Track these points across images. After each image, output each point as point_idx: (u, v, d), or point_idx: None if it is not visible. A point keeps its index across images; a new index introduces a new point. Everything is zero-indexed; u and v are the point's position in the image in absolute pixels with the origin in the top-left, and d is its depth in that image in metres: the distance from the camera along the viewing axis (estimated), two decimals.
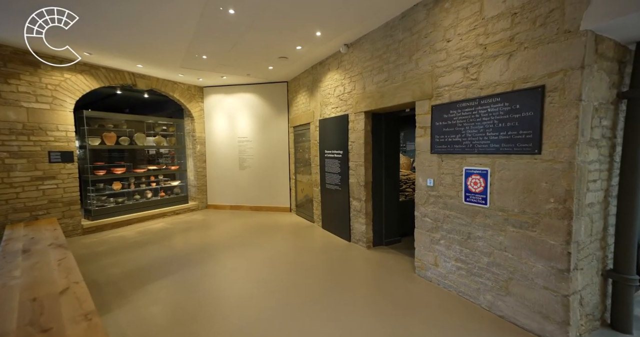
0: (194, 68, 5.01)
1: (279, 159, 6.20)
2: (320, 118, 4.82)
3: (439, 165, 2.74)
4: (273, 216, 5.97)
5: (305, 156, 5.58)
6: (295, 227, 5.11)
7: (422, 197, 2.94)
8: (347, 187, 4.19)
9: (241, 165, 6.37)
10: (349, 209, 4.21)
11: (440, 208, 2.74)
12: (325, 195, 4.79)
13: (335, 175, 4.47)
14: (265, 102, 6.15)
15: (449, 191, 2.64)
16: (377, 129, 3.92)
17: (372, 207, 3.96)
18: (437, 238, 2.81)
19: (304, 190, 5.69)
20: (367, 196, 3.90)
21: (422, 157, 2.93)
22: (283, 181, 6.23)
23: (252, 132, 6.27)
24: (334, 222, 4.63)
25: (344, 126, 4.18)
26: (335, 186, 4.50)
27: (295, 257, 3.71)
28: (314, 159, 5.13)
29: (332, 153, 4.50)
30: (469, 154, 2.43)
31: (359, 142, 3.91)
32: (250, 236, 4.65)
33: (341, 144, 4.27)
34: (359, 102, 3.82)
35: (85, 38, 3.67)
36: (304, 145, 5.57)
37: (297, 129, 5.82)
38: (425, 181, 2.89)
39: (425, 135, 2.87)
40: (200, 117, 6.37)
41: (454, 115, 2.54)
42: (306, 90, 5.28)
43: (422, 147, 2.92)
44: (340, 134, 4.28)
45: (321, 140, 4.79)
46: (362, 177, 3.87)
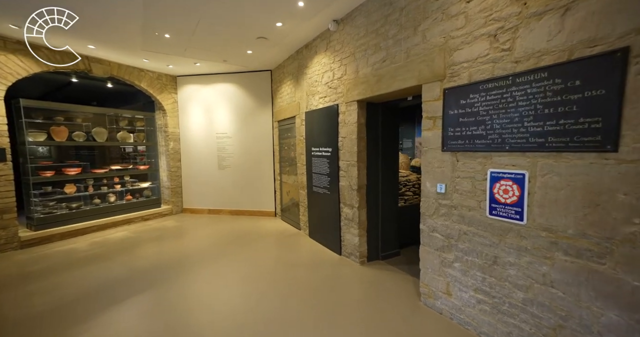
0: (159, 51, 4.29)
1: (262, 158, 5.53)
2: (306, 110, 4.16)
3: (452, 166, 2.12)
4: (256, 221, 5.30)
5: (290, 154, 4.91)
6: (279, 236, 4.46)
7: (430, 206, 2.32)
8: (337, 191, 3.55)
9: (220, 165, 5.67)
10: (339, 217, 3.58)
11: (455, 222, 2.12)
12: (313, 199, 4.15)
13: (324, 176, 3.82)
14: (246, 94, 5.45)
15: (467, 200, 2.02)
16: (372, 122, 3.29)
17: (367, 216, 3.33)
18: (449, 260, 2.19)
19: (290, 192, 5.04)
20: (361, 202, 3.27)
21: (430, 155, 2.30)
22: (267, 182, 5.56)
23: (232, 128, 5.57)
24: (322, 231, 3.99)
25: (333, 119, 3.53)
26: (323, 189, 3.86)
27: (276, 276, 3.06)
28: (300, 157, 4.47)
29: (320, 151, 3.85)
30: (497, 151, 1.81)
31: (350, 137, 3.27)
32: (228, 247, 3.98)
33: (330, 140, 3.62)
34: (351, 90, 3.18)
35: (14, 4, 2.93)
36: (290, 142, 4.91)
37: (282, 124, 5.15)
38: (435, 186, 2.27)
39: (435, 128, 2.24)
40: (174, 110, 5.64)
41: (475, 100, 1.92)
42: (291, 79, 4.60)
43: (431, 143, 2.29)
44: (329, 129, 3.64)
45: (308, 136, 4.13)
46: (355, 180, 3.24)
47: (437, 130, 2.22)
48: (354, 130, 3.20)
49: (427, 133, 2.32)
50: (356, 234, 3.29)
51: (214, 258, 3.60)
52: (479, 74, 1.90)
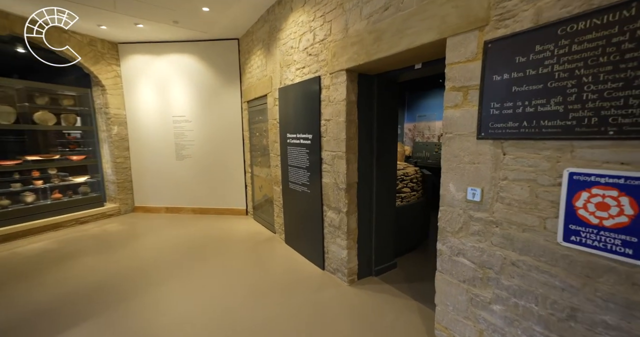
0: (78, 2, 3.18)
1: (230, 146, 4.61)
2: (280, 86, 3.28)
3: (495, 161, 1.39)
4: (223, 222, 4.45)
5: (263, 142, 4.04)
6: (250, 243, 3.66)
7: (455, 220, 1.60)
8: (320, 189, 2.78)
9: (179, 154, 4.69)
10: (322, 223, 2.82)
11: (496, 245, 1.42)
12: (289, 198, 3.35)
13: (302, 171, 3.02)
14: (209, 69, 4.44)
15: (521, 215, 1.31)
16: (365, 100, 2.49)
17: (358, 223, 2.59)
18: (485, 299, 1.50)
19: (263, 188, 4.21)
20: (350, 206, 2.51)
21: (456, 146, 1.55)
22: (236, 175, 4.68)
23: (192, 110, 4.57)
24: (301, 238, 3.23)
25: (313, 96, 2.70)
26: (301, 186, 3.06)
27: (240, 305, 2.28)
28: (273, 146, 3.62)
29: (297, 138, 3.03)
30: (588, 139, 1.09)
31: (337, 120, 2.46)
32: (183, 260, 3.13)
33: (310, 125, 2.80)
34: (338, 55, 2.34)
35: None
36: (261, 126, 4.03)
37: (252, 105, 4.23)
38: (463, 191, 1.54)
39: (466, 104, 1.49)
40: (116, 86, 4.53)
41: (547, 55, 1.16)
42: (262, 48, 3.67)
43: (458, 127, 1.54)
44: (308, 109, 2.80)
45: (282, 119, 3.28)
46: (342, 176, 2.46)
47: (471, 107, 1.47)
48: (342, 111, 2.40)
49: (453, 112, 1.56)
50: (344, 246, 2.56)
51: (162, 279, 2.75)
52: (557, 8, 1.13)
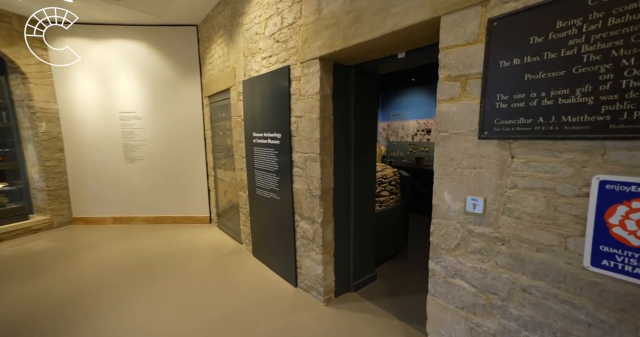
0: None
1: (190, 146, 4.09)
2: (244, 78, 2.87)
3: (502, 166, 1.14)
4: (183, 231, 3.93)
5: (227, 142, 3.60)
6: (213, 255, 3.21)
7: (451, 234, 1.34)
8: (290, 196, 2.43)
9: (128, 156, 4.07)
10: (294, 235, 2.48)
11: (503, 266, 1.18)
12: (256, 206, 2.96)
13: (270, 175, 2.65)
14: (163, 58, 3.88)
15: (534, 231, 1.07)
16: (341, 94, 2.19)
17: (334, 234, 2.28)
18: (488, 330, 1.25)
19: (228, 193, 3.76)
20: (326, 215, 2.20)
21: (452, 147, 1.30)
22: (197, 179, 4.17)
23: (143, 105, 3.98)
24: (270, 251, 2.86)
25: (282, 89, 2.34)
26: (270, 192, 2.70)
27: None
28: (238, 146, 3.21)
29: (264, 137, 2.65)
30: (625, 139, 0.86)
31: (309, 117, 2.13)
32: (132, 281, 2.61)
33: (278, 122, 2.44)
34: (310, 41, 2.02)
35: None
36: (225, 125, 3.58)
37: (214, 100, 3.76)
38: (461, 201, 1.28)
39: (465, 97, 1.23)
40: (43, 75, 3.79)
41: (571, 33, 0.93)
42: (223, 35, 3.23)
43: (454, 125, 1.28)
44: (276, 104, 2.44)
45: (247, 115, 2.88)
46: (317, 181, 2.14)
47: (471, 100, 1.21)
48: (315, 106, 2.07)
49: (448, 106, 1.30)
50: (319, 261, 2.24)
51: (99, 308, 2.23)
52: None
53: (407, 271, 2.86)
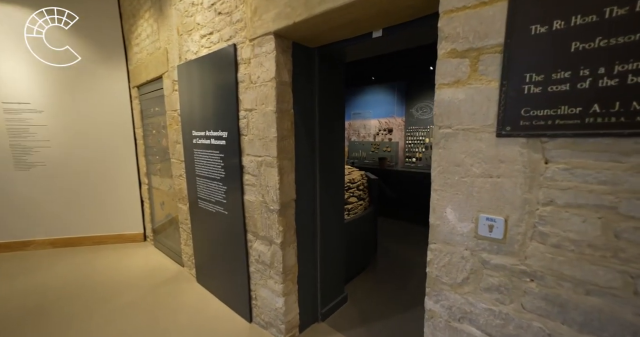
0: None
1: (115, 148, 3.30)
2: (180, 62, 2.28)
3: (531, 174, 0.82)
4: (108, 254, 3.13)
5: (162, 143, 2.93)
6: (147, 284, 2.54)
7: (457, 265, 1.00)
8: (241, 211, 1.93)
9: (20, 161, 3.11)
10: (247, 258, 1.99)
11: (532, 311, 0.86)
12: (200, 221, 2.39)
13: (215, 184, 2.12)
14: (74, 38, 3.04)
15: (582, 266, 0.76)
16: (304, 82, 1.77)
17: (298, 257, 1.85)
18: None
19: (166, 204, 3.09)
20: (287, 234, 1.75)
21: (458, 148, 0.95)
22: (127, 188, 3.39)
23: (44, 95, 3.08)
24: (218, 277, 2.31)
25: (227, 75, 1.84)
26: (216, 205, 2.16)
27: None
28: (175, 148, 2.59)
29: (207, 136, 2.11)
30: None
31: (263, 110, 1.67)
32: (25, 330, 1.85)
33: (224, 117, 1.93)
34: (261, 11, 1.55)
35: None
36: (158, 121, 2.91)
37: (144, 91, 3.05)
38: (472, 221, 0.95)
39: (476, 79, 0.90)
40: None
41: None
42: (151, 7, 2.57)
43: (461, 118, 0.94)
44: (220, 94, 1.93)
45: (184, 109, 2.29)
46: (274, 192, 1.68)
47: (485, 83, 0.88)
48: (270, 96, 1.61)
49: (452, 93, 0.95)
50: (279, 292, 1.78)
51: None
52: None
53: (380, 284, 2.55)
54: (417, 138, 4.96)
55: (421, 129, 4.88)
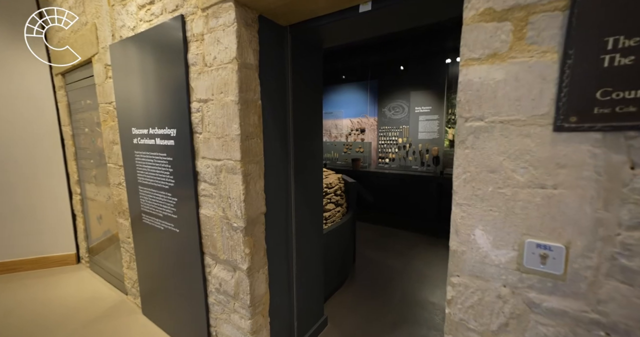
0: None
1: (35, 150, 2.65)
2: (113, 42, 1.79)
3: (609, 184, 0.58)
4: (28, 284, 2.49)
5: (96, 143, 2.38)
6: (82, 319, 2.00)
7: (490, 305, 0.73)
8: (196, 228, 1.53)
9: None
10: (205, 287, 1.59)
11: None
12: (145, 240, 1.92)
13: (163, 194, 1.68)
14: None
15: None
16: (273, 66, 1.43)
17: (270, 282, 1.50)
18: None
19: (104, 218, 2.53)
20: (256, 257, 1.39)
21: (494, 147, 0.69)
22: (53, 199, 2.75)
23: None
24: (170, 309, 1.87)
25: (173, 56, 1.43)
26: (164, 221, 1.73)
27: None
28: (112, 150, 2.08)
29: (151, 135, 1.67)
30: None
31: (222, 100, 1.30)
32: None
33: (171, 110, 1.52)
34: None
35: None
36: (92, 117, 2.36)
37: (72, 79, 2.46)
38: (513, 247, 0.68)
39: (523, 51, 0.63)
40: None
41: None
42: None
43: (497, 105, 0.67)
44: (165, 81, 1.51)
45: (122, 101, 1.82)
46: (239, 205, 1.32)
47: (537, 55, 0.62)
48: (230, 83, 1.25)
49: (486, 71, 0.68)
50: (247, 330, 1.41)
51: None
52: None
53: (361, 300, 2.28)
54: (390, 138, 4.82)
55: (394, 129, 4.76)
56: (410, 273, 2.74)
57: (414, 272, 2.75)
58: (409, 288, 2.47)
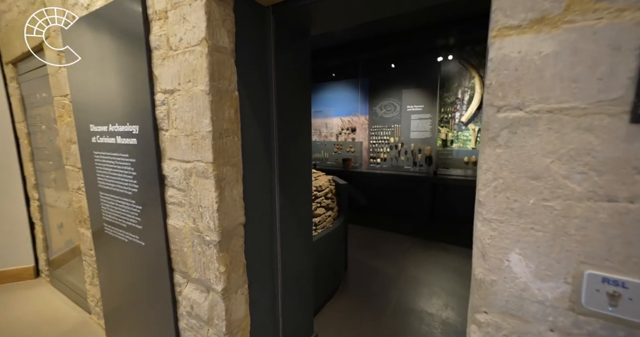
0: None
1: None
2: (65, 23, 1.54)
3: None
4: None
5: (55, 143, 2.10)
6: None
7: None
8: (164, 241, 1.31)
9: None
10: (174, 310, 1.37)
11: None
12: (107, 253, 1.68)
13: (126, 202, 1.45)
14: None
15: None
16: (252, 51, 1.22)
17: (251, 303, 1.29)
18: None
19: (66, 227, 2.25)
20: (233, 275, 1.18)
21: (538, 143, 0.51)
22: (7, 207, 2.44)
23: None
24: (136, 332, 1.63)
25: (133, 38, 1.21)
26: (127, 232, 1.49)
27: None
28: (69, 150, 1.82)
29: (111, 133, 1.43)
30: None
31: (191, 90, 1.09)
32: None
33: (132, 104, 1.29)
34: None
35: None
36: (48, 112, 2.08)
37: (24, 69, 2.17)
38: (566, 279, 0.51)
39: (583, 12, 0.46)
40: None
41: None
42: None
43: (548, 89, 0.49)
44: (125, 69, 1.28)
45: (78, 94, 1.57)
46: (211, 214, 1.11)
47: (605, 16, 0.44)
48: (200, 69, 1.04)
49: (527, 42, 0.50)
50: None
51: None
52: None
53: (354, 313, 2.10)
54: (381, 138, 4.68)
55: (385, 128, 4.61)
56: (404, 280, 2.58)
57: (408, 279, 2.59)
58: (404, 297, 2.31)
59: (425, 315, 2.10)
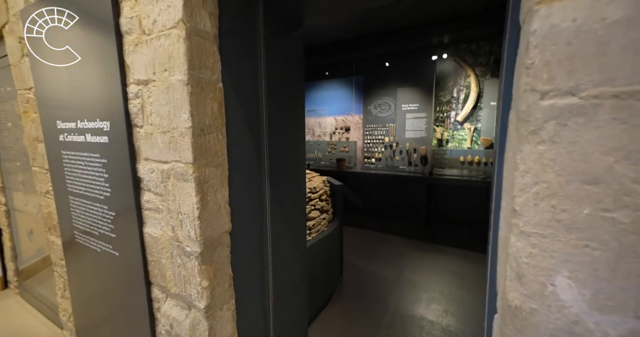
0: None
1: None
2: (25, 6, 1.37)
3: None
4: None
5: (22, 141, 1.91)
6: None
7: None
8: (140, 251, 1.16)
9: None
10: (152, 327, 1.22)
11: None
12: (79, 263, 1.51)
13: (98, 207, 1.29)
14: None
15: None
16: (239, 34, 1.08)
17: (238, 321, 1.15)
18: None
19: (37, 234, 2.06)
20: (217, 291, 1.04)
21: (596, 139, 0.39)
22: None
23: None
24: None
25: (101, 21, 1.05)
26: (100, 241, 1.33)
27: None
28: (36, 149, 1.64)
29: (80, 130, 1.27)
30: None
31: (167, 80, 0.94)
32: None
33: (102, 97, 1.14)
34: None
35: None
36: (13, 108, 1.89)
37: None
38: (635, 312, 0.40)
39: None
40: None
41: None
42: None
43: (611, 69, 0.38)
44: (93, 58, 1.12)
45: (42, 86, 1.40)
46: (192, 222, 0.97)
47: None
48: (177, 56, 0.90)
49: (584, 9, 0.39)
50: None
51: None
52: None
53: (350, 322, 1.98)
54: (376, 137, 4.58)
55: (380, 127, 4.52)
56: (402, 285, 2.48)
57: (405, 284, 2.49)
58: (402, 303, 2.21)
59: (425, 322, 1.99)
